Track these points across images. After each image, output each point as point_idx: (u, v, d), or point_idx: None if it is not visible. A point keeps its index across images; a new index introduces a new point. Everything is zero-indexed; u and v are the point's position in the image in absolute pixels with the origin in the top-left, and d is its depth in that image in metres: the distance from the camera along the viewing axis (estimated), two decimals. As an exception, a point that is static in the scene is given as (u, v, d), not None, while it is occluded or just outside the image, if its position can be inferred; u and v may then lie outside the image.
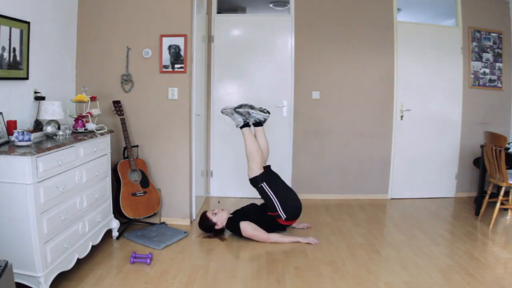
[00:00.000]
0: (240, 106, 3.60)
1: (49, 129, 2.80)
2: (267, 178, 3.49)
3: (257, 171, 3.48)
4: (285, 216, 3.40)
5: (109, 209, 3.30)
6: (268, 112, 3.66)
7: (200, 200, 4.27)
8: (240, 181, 4.76)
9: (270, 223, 3.43)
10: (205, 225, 3.47)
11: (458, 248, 3.29)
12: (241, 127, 3.60)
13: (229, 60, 4.68)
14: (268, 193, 3.42)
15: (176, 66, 3.63)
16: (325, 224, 3.85)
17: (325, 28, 4.63)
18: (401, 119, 4.75)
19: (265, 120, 3.66)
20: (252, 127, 3.66)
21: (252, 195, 4.54)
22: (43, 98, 3.01)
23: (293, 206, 3.46)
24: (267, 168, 3.58)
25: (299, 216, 3.52)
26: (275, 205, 3.39)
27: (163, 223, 3.73)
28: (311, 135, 4.72)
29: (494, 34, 4.82)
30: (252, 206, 3.66)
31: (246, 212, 3.54)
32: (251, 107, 3.59)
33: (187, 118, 3.71)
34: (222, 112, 3.70)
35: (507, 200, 4.07)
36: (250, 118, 3.62)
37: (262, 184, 3.44)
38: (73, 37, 3.62)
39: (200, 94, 4.24)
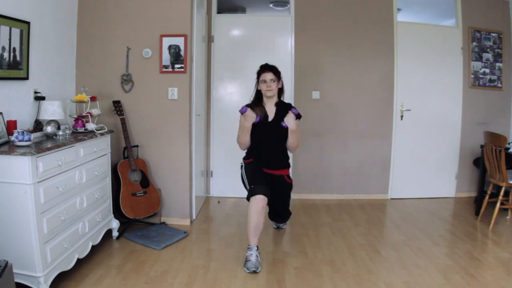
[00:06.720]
0: None
1: (49, 129, 2.80)
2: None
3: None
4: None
5: (109, 209, 3.30)
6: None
7: (200, 200, 4.27)
8: (240, 181, 4.74)
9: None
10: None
11: (458, 248, 3.29)
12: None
13: (229, 60, 4.68)
14: None
15: (176, 66, 3.63)
16: (325, 224, 3.86)
17: (325, 28, 4.63)
18: (401, 119, 4.75)
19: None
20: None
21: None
22: (43, 98, 3.01)
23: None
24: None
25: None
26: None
27: (163, 223, 3.73)
28: (311, 135, 4.72)
29: (494, 34, 4.81)
30: None
31: None
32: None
33: (187, 118, 3.71)
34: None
35: (507, 200, 4.07)
36: None
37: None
38: (73, 37, 3.62)
39: (200, 94, 4.23)
